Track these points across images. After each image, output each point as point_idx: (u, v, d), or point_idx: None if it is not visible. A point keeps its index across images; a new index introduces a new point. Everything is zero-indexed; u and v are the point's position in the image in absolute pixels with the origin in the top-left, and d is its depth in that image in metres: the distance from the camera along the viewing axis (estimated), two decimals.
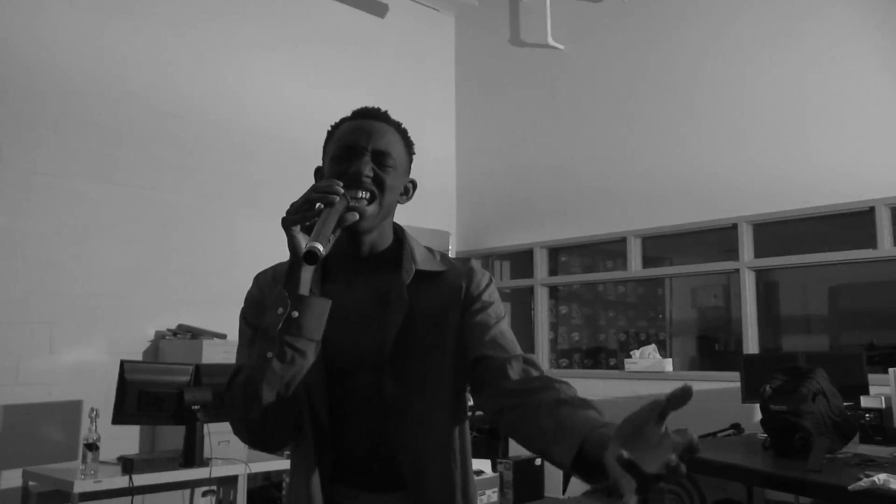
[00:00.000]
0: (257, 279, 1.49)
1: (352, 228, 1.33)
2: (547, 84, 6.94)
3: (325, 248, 1.21)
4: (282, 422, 1.31)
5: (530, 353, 1.50)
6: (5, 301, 4.63)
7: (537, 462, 5.90)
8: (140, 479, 3.49)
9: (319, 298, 1.28)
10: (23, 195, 4.77)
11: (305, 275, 1.27)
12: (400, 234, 1.50)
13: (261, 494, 4.78)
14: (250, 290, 1.48)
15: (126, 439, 4.76)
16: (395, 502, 1.39)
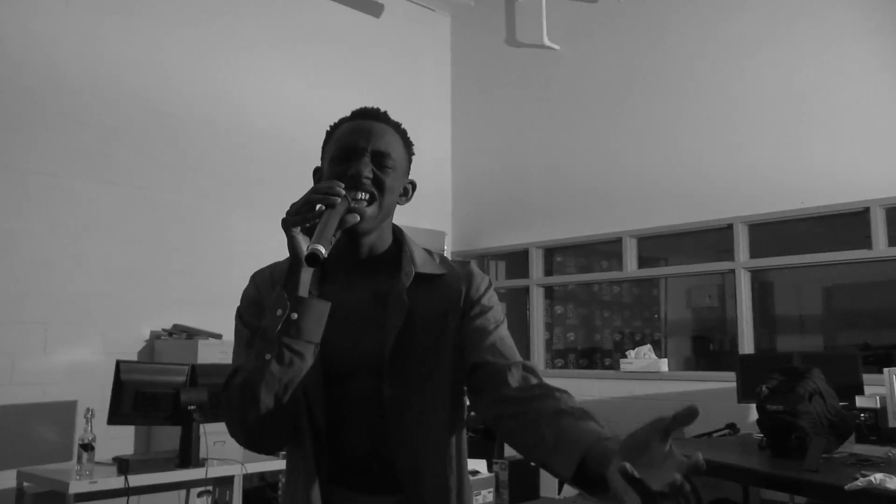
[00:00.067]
0: (254, 278, 1.48)
1: (351, 230, 1.32)
2: (542, 84, 6.94)
3: (326, 251, 1.20)
4: (279, 424, 1.30)
5: (528, 360, 1.49)
6: (0, 301, 4.61)
7: (532, 463, 5.89)
8: (136, 480, 3.49)
9: (319, 300, 1.27)
10: (18, 194, 4.76)
11: (305, 276, 1.26)
12: (399, 236, 1.49)
13: (256, 495, 4.77)
14: (247, 289, 1.47)
15: (121, 440, 4.75)
16: None
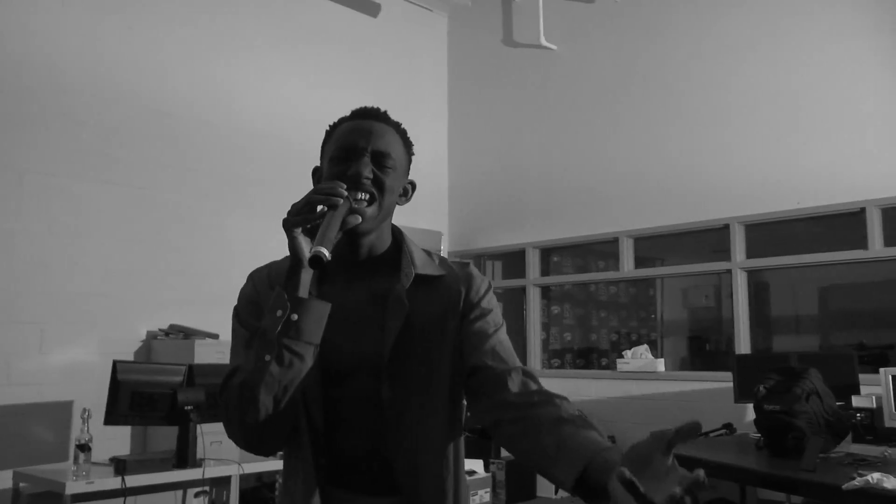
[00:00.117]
0: (252, 277, 1.47)
1: (351, 230, 1.32)
2: (539, 84, 6.95)
3: (329, 253, 1.19)
4: (278, 426, 1.29)
5: (525, 363, 1.50)
6: None
7: (531, 469, 5.89)
8: (133, 480, 3.48)
9: (319, 301, 1.26)
10: (15, 194, 4.74)
11: (305, 277, 1.26)
12: (398, 237, 1.48)
13: (253, 495, 4.77)
14: (244, 288, 1.46)
15: (117, 440, 4.73)
16: None
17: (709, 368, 6.60)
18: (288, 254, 1.28)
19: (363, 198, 1.34)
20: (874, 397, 4.06)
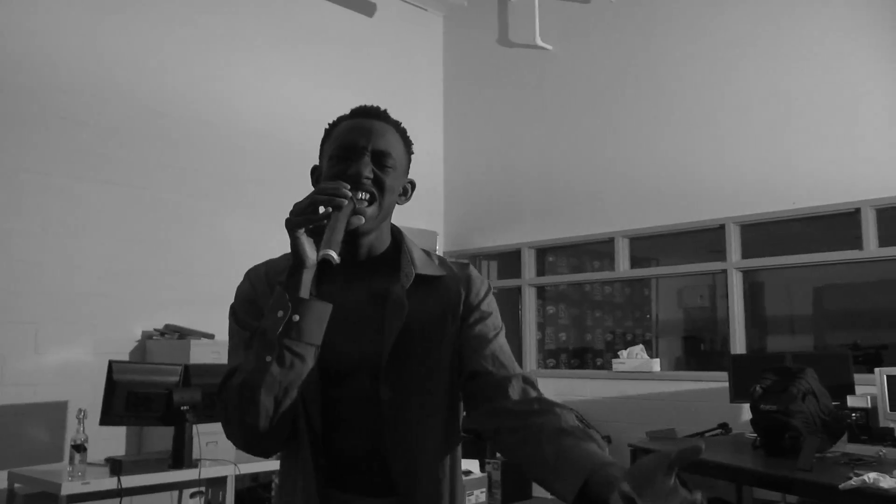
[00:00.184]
0: (249, 275, 1.45)
1: (351, 230, 1.31)
2: (535, 84, 6.95)
3: (338, 255, 1.19)
4: (278, 426, 1.28)
5: (523, 366, 1.49)
6: None
7: (530, 477, 5.88)
8: (128, 481, 3.47)
9: (321, 302, 1.25)
10: (10, 193, 4.73)
11: (306, 277, 1.25)
12: (398, 237, 1.48)
13: (249, 495, 4.75)
14: (241, 286, 1.45)
15: (113, 440, 4.73)
16: None
17: (704, 368, 6.62)
18: (284, 251, 1.26)
19: (363, 197, 1.34)
20: (869, 397, 4.07)
